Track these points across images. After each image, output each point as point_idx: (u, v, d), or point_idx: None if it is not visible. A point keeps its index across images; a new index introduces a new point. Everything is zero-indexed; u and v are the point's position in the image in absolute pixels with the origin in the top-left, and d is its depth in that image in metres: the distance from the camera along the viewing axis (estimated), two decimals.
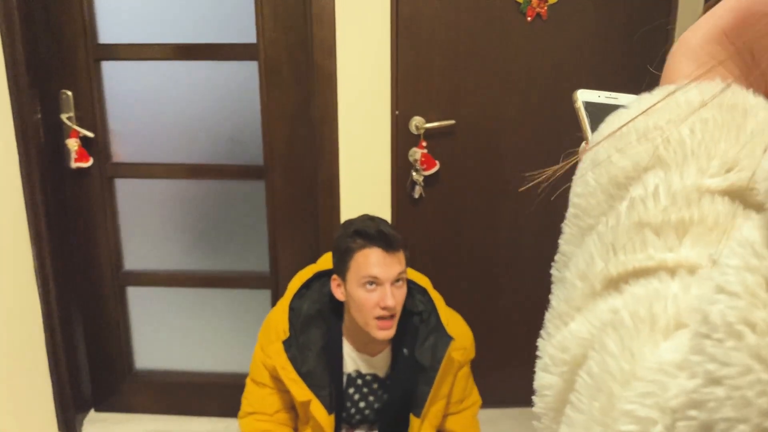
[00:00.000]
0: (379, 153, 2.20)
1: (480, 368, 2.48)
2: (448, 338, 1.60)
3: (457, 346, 1.65)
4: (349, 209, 2.24)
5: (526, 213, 2.32)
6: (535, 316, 2.46)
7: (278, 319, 1.63)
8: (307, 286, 1.68)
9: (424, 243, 2.35)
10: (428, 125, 2.18)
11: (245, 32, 2.14)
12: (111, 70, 2.21)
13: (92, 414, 2.53)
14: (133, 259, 2.40)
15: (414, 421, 1.64)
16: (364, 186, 2.23)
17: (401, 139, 2.22)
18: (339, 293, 1.59)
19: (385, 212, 2.26)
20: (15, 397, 2.08)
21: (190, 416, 2.50)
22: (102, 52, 2.18)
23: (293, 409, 1.71)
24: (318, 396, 1.58)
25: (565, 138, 2.27)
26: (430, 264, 2.36)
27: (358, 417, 1.73)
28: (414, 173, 2.22)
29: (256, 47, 2.14)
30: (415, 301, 1.67)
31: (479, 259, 2.38)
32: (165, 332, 2.48)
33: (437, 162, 2.22)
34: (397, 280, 1.53)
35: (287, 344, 1.59)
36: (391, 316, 1.52)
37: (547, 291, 0.51)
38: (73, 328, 2.38)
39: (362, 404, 1.70)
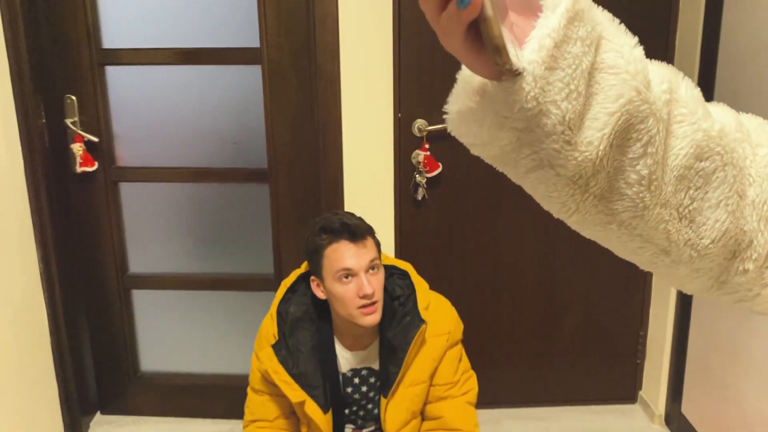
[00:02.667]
0: (382, 155, 2.22)
1: (482, 368, 2.49)
2: (420, 321, 1.61)
3: (437, 332, 1.66)
4: (352, 210, 2.24)
5: (529, 215, 2.33)
6: (537, 317, 2.47)
7: (267, 325, 1.67)
8: (292, 290, 1.71)
9: (427, 245, 2.36)
10: (431, 127, 2.20)
11: (248, 37, 2.15)
12: (115, 75, 2.22)
13: (98, 417, 2.54)
14: (138, 263, 2.41)
15: (382, 402, 1.66)
16: (368, 188, 2.24)
17: (404, 142, 2.23)
18: (320, 293, 1.62)
19: (387, 214, 2.27)
20: (22, 400, 2.09)
21: (195, 418, 2.52)
22: (106, 57, 2.19)
23: (294, 414, 1.72)
24: (311, 396, 1.61)
25: None
26: (433, 265, 2.37)
27: (362, 413, 1.74)
28: (417, 175, 2.24)
29: (259, 51, 2.15)
30: (395, 286, 1.71)
31: (482, 261, 2.39)
32: (170, 335, 2.49)
33: (440, 164, 2.23)
34: (371, 268, 1.56)
35: (277, 348, 1.62)
36: (374, 302, 1.55)
37: (549, 292, 0.52)
38: (79, 332, 2.39)
39: (363, 401, 1.72)
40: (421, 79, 2.19)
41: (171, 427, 2.49)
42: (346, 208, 2.23)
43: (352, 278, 1.54)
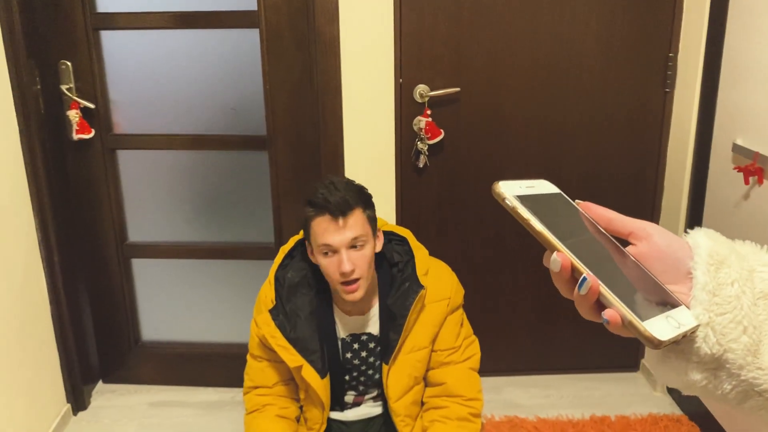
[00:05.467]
0: (383, 122, 2.18)
1: (484, 335, 2.49)
2: (418, 287, 1.59)
3: (437, 297, 1.64)
4: (353, 178, 2.21)
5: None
6: (541, 284, 2.45)
7: (265, 291, 1.66)
8: (290, 255, 1.70)
9: (429, 212, 2.34)
10: (433, 93, 2.16)
11: None
12: (110, 40, 2.18)
13: (100, 385, 2.55)
14: (137, 232, 2.39)
15: (384, 368, 1.65)
16: (368, 155, 2.21)
17: (405, 108, 2.19)
18: (313, 259, 1.61)
19: (389, 181, 2.25)
20: (24, 370, 2.09)
21: (196, 387, 2.52)
22: (100, 21, 2.14)
23: (293, 380, 1.72)
24: (309, 360, 1.60)
25: (569, 104, 2.24)
26: (435, 232, 2.35)
27: (362, 379, 1.73)
28: (418, 142, 2.20)
29: (256, 14, 2.10)
30: (393, 252, 1.68)
31: (484, 227, 2.37)
32: (170, 303, 2.48)
33: (442, 131, 2.20)
34: (354, 245, 1.52)
35: (274, 313, 1.61)
36: (355, 280, 1.52)
37: None
38: (80, 301, 2.38)
39: (363, 367, 1.71)
40: (423, 43, 2.14)
41: (172, 395, 2.50)
42: (347, 175, 2.21)
43: (334, 254, 1.52)
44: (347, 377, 1.73)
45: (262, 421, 1.70)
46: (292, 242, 1.72)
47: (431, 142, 2.20)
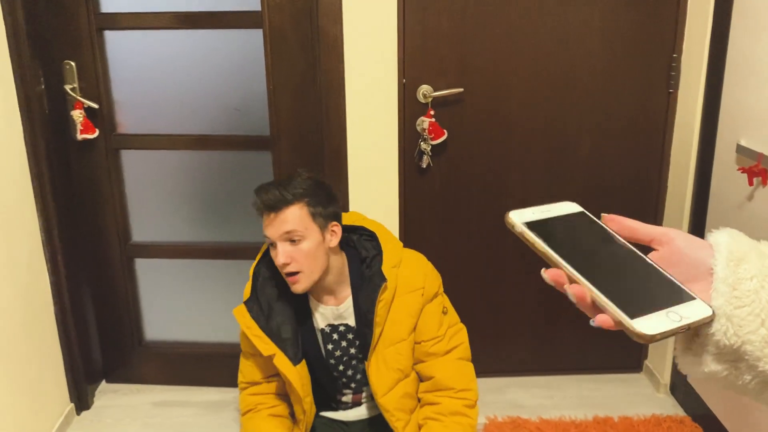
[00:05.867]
0: (386, 122, 2.18)
1: (486, 336, 2.49)
2: (381, 280, 1.62)
3: (409, 288, 1.66)
4: (356, 179, 2.22)
5: (534, 183, 2.30)
6: (543, 285, 2.45)
7: (247, 286, 1.72)
8: (268, 251, 1.73)
9: (432, 212, 2.34)
10: (436, 93, 2.16)
11: None
12: (114, 40, 2.18)
13: (103, 385, 2.55)
14: (140, 231, 2.40)
15: (366, 366, 1.67)
16: (371, 155, 2.21)
17: (408, 108, 2.19)
18: None
19: (392, 182, 2.25)
20: (27, 370, 2.09)
21: (199, 386, 2.52)
22: (104, 21, 2.15)
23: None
24: (281, 348, 1.64)
25: (572, 104, 2.24)
26: (438, 233, 2.35)
27: (350, 373, 1.74)
28: (422, 142, 2.20)
29: (260, 15, 2.10)
30: (362, 248, 1.72)
31: (487, 229, 2.36)
32: (173, 303, 2.49)
33: (445, 131, 2.20)
34: (291, 239, 1.56)
35: (249, 304, 1.67)
36: (295, 273, 1.57)
37: None
38: (83, 301, 2.39)
39: (346, 358, 1.72)
40: (426, 43, 2.14)
41: (175, 394, 2.50)
42: (350, 176, 2.21)
43: (274, 247, 1.58)
44: (335, 373, 1.73)
45: (258, 422, 1.72)
46: None
47: (434, 142, 2.20)
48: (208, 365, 2.51)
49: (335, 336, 1.70)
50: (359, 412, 1.82)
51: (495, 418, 2.31)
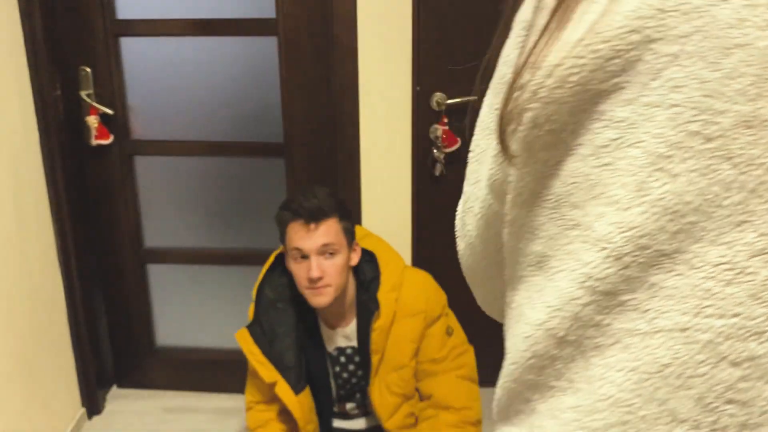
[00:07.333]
0: (399, 130, 2.17)
1: (495, 345, 2.45)
2: (374, 308, 1.58)
3: (410, 312, 1.61)
4: (369, 187, 2.21)
5: None
6: None
7: (250, 309, 1.67)
8: (271, 270, 1.70)
9: (445, 221, 2.32)
10: (450, 101, 2.15)
11: (264, 7, 2.11)
12: (130, 47, 2.19)
13: (115, 390, 2.55)
14: (153, 237, 2.40)
15: (369, 390, 1.64)
16: (385, 163, 2.20)
17: (422, 116, 2.18)
18: (288, 266, 1.62)
19: (405, 190, 2.24)
20: (39, 374, 2.10)
21: (211, 393, 2.52)
22: (120, 28, 2.16)
23: None
24: (284, 376, 1.59)
25: None
26: (450, 243, 2.33)
27: (356, 391, 1.73)
28: (435, 150, 2.19)
29: (275, 22, 2.11)
30: (361, 272, 1.68)
31: None
32: (186, 309, 2.49)
33: (459, 139, 2.19)
34: (327, 252, 1.52)
35: (252, 329, 1.62)
36: (325, 286, 1.53)
37: None
38: (95, 306, 2.39)
39: (354, 379, 1.70)
40: (440, 51, 2.14)
41: (186, 400, 2.50)
42: (363, 183, 2.20)
43: (305, 260, 1.52)
44: (342, 392, 1.71)
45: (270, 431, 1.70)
46: (272, 257, 1.72)
47: (448, 150, 2.18)
48: (220, 371, 2.50)
49: (342, 359, 1.68)
50: (365, 423, 1.80)
51: None
